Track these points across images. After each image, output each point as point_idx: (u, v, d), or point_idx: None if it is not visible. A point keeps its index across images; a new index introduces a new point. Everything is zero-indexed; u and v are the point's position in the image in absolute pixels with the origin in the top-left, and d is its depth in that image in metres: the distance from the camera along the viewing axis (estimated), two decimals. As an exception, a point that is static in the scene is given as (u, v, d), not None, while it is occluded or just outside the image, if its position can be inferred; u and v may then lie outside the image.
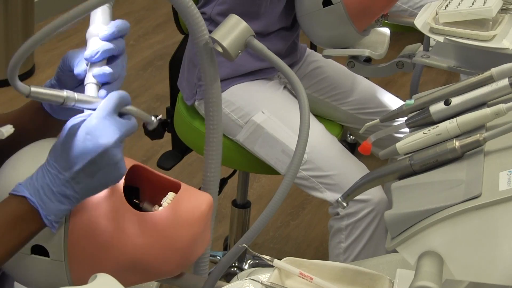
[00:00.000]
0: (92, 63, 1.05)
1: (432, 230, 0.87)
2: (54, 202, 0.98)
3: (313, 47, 2.42)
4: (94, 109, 1.00)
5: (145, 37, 3.89)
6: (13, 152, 1.08)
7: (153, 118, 1.07)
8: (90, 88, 1.04)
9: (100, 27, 1.07)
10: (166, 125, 2.28)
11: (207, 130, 1.15)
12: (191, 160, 2.93)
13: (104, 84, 1.05)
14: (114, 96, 0.99)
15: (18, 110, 1.18)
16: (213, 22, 1.95)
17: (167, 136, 2.30)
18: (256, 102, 1.99)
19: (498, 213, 0.84)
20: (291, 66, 2.11)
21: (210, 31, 1.07)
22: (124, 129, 0.98)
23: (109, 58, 1.06)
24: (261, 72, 2.03)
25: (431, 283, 0.81)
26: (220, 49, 1.05)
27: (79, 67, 1.07)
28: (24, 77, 3.42)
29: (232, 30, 1.04)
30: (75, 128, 0.97)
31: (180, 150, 2.31)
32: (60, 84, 1.11)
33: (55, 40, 3.77)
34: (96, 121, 0.97)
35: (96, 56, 1.04)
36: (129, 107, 1.02)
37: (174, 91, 2.27)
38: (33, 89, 0.97)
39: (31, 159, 1.06)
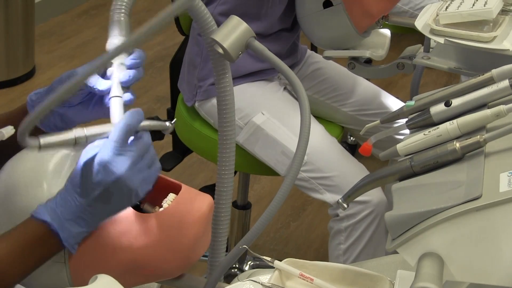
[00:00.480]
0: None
1: (433, 231, 0.87)
2: (74, 226, 1.00)
3: (314, 48, 2.42)
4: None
5: (146, 38, 3.88)
6: (14, 153, 1.09)
7: (167, 123, 1.07)
8: (115, 101, 1.05)
9: (121, 39, 1.08)
10: (166, 127, 2.28)
11: (220, 129, 1.14)
12: (192, 161, 2.93)
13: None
14: (121, 125, 0.99)
15: (15, 111, 1.18)
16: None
17: (168, 137, 2.28)
18: (256, 103, 1.99)
19: (498, 214, 0.84)
20: (291, 67, 2.11)
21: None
22: (136, 154, 0.99)
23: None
24: (262, 73, 2.03)
25: (432, 285, 0.81)
26: (220, 50, 1.05)
27: (101, 85, 1.08)
28: (24, 78, 3.41)
29: (233, 31, 1.04)
30: (90, 159, 0.98)
31: (180, 151, 2.31)
32: (63, 103, 1.10)
33: (56, 42, 3.77)
34: (106, 153, 0.98)
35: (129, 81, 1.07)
36: (142, 123, 1.02)
37: (174, 93, 2.27)
38: (42, 141, 0.98)
39: (33, 161, 1.06)
